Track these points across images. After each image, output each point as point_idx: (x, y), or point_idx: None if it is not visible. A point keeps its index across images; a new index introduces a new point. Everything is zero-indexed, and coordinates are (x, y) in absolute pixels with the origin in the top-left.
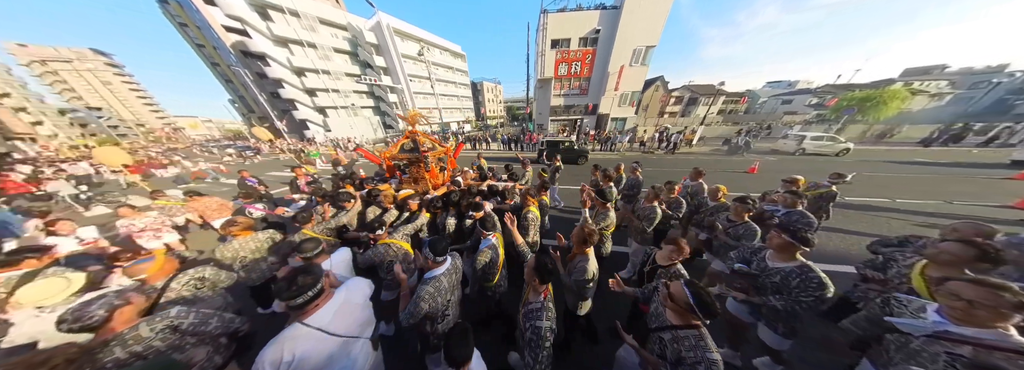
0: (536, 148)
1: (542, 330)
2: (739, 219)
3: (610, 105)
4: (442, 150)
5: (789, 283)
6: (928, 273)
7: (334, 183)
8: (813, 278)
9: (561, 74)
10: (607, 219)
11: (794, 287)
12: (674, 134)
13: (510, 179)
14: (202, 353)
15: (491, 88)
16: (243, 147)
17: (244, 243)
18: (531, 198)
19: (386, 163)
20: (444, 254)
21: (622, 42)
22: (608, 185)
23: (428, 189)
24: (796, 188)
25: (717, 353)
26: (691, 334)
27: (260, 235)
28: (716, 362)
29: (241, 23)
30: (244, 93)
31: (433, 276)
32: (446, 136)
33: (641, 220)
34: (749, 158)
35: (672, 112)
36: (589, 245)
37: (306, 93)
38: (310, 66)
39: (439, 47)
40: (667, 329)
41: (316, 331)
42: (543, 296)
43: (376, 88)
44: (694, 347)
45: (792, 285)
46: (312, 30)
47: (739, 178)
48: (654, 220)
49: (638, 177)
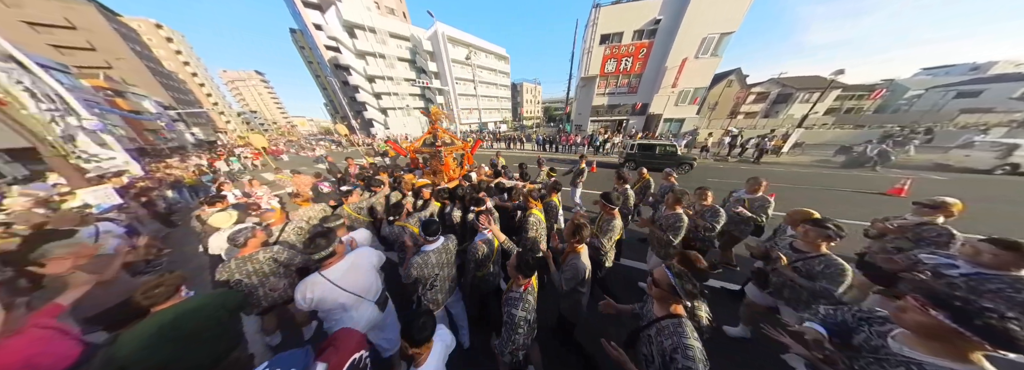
0: (574, 149)
1: (516, 318)
2: (812, 248)
3: (664, 104)
4: (460, 146)
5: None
6: None
7: (374, 171)
8: None
9: (608, 71)
10: (612, 227)
11: None
12: (761, 139)
13: (521, 178)
14: (282, 283)
15: (530, 89)
16: (331, 141)
17: (307, 211)
18: (533, 200)
19: (411, 155)
20: (434, 235)
21: (688, 31)
22: (623, 188)
23: (444, 181)
24: (946, 215)
25: (695, 341)
26: (671, 323)
27: (316, 206)
28: (691, 347)
29: (336, 42)
30: (333, 98)
31: (424, 251)
32: (483, 134)
33: (665, 230)
34: (887, 174)
35: (750, 112)
36: (581, 239)
37: (374, 97)
38: (379, 74)
39: (485, 51)
40: (652, 324)
41: (328, 282)
42: (523, 288)
43: (427, 91)
44: (673, 334)
45: None
46: (383, 43)
47: (869, 201)
48: (680, 230)
49: (672, 183)
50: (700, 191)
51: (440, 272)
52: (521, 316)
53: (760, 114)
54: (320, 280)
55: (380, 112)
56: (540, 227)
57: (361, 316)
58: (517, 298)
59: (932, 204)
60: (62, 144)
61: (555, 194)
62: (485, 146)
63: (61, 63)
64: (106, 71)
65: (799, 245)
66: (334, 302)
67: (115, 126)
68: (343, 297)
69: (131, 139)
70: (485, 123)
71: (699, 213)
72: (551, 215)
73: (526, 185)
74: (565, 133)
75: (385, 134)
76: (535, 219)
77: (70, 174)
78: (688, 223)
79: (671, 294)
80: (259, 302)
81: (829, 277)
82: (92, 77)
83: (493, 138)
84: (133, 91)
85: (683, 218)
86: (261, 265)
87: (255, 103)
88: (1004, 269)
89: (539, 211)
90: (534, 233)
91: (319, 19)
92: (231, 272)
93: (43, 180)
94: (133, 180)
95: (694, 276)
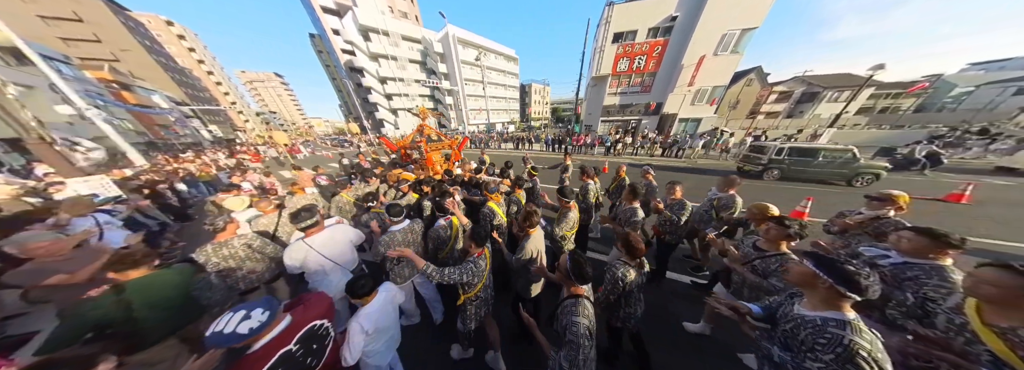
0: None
1: (463, 279)
2: (772, 247)
3: (679, 103)
4: (446, 143)
5: (805, 337)
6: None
7: (373, 166)
8: (842, 340)
9: (620, 70)
10: (567, 220)
11: (811, 344)
12: (787, 139)
13: (501, 174)
14: (259, 266)
15: (539, 90)
16: (343, 141)
17: (301, 199)
18: (489, 194)
19: (401, 152)
20: (398, 216)
21: (706, 28)
22: (586, 182)
23: (429, 175)
24: (895, 208)
25: (584, 319)
26: (570, 302)
27: (308, 195)
28: (577, 324)
29: (352, 45)
30: (347, 99)
31: (391, 231)
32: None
33: (624, 224)
34: (939, 178)
35: (771, 112)
36: (532, 224)
37: (385, 98)
38: (390, 75)
39: (494, 52)
40: (562, 302)
41: (309, 248)
42: (476, 255)
43: (436, 91)
44: (568, 312)
45: (808, 340)
46: (396, 46)
47: (926, 209)
48: (637, 224)
49: (651, 181)
50: (670, 185)
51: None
52: (467, 280)
53: (783, 114)
54: (303, 246)
55: (391, 112)
56: (495, 216)
57: (339, 282)
58: (472, 261)
59: (880, 197)
60: (45, 131)
61: (519, 190)
62: (494, 146)
63: (63, 54)
64: (112, 63)
65: (761, 244)
66: (316, 265)
67: (121, 119)
68: (322, 262)
69: (139, 133)
70: (493, 124)
71: (669, 206)
72: (513, 209)
73: (503, 181)
74: (575, 133)
75: (396, 134)
76: (488, 210)
77: (58, 163)
78: (660, 217)
79: (568, 277)
80: (237, 284)
81: (779, 275)
82: (97, 69)
83: (501, 138)
84: (141, 85)
85: (639, 213)
86: (236, 250)
87: (274, 104)
88: (922, 256)
89: (495, 204)
90: (492, 221)
91: (337, 24)
92: (208, 255)
93: (29, 169)
94: (137, 172)
95: (628, 253)
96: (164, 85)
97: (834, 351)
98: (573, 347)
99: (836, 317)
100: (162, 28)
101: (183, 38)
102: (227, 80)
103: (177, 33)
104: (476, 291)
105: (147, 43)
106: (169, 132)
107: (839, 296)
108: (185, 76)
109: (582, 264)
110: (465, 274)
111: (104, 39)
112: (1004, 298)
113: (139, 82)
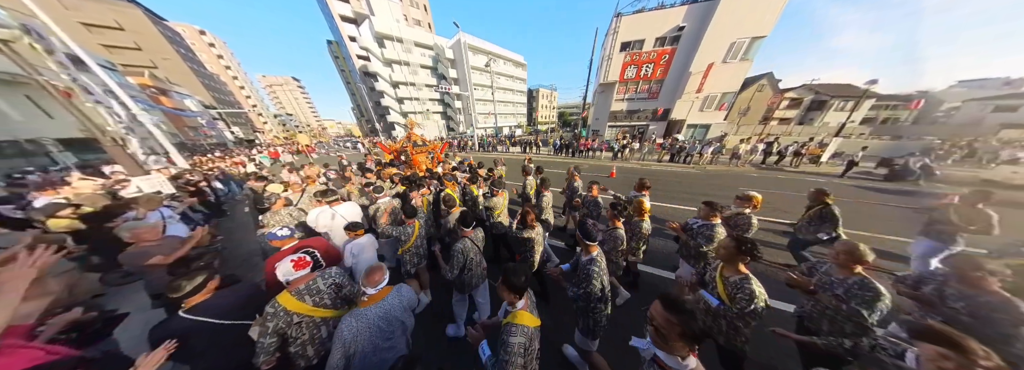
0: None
1: (402, 236)
2: (705, 218)
3: (687, 109)
4: (430, 147)
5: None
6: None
7: (377, 165)
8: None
9: (628, 78)
10: (493, 203)
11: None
12: (799, 145)
13: (471, 173)
14: (294, 223)
15: (546, 95)
16: (352, 142)
17: (313, 187)
18: (448, 182)
19: (394, 154)
20: (379, 192)
21: (714, 37)
22: (525, 178)
23: (414, 172)
24: (752, 205)
25: (516, 338)
26: (510, 326)
27: (319, 185)
28: (511, 344)
29: (367, 52)
30: (360, 102)
31: (378, 202)
32: (499, 138)
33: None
34: (932, 189)
35: (783, 118)
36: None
37: (396, 102)
38: (403, 80)
39: (503, 58)
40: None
41: (332, 210)
42: (407, 223)
43: (446, 96)
44: (507, 333)
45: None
46: (409, 52)
47: (913, 221)
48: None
49: (596, 197)
50: (593, 184)
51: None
52: (401, 237)
53: (795, 121)
54: (328, 211)
55: (402, 116)
56: (451, 201)
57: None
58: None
59: (744, 197)
60: (121, 135)
61: (473, 185)
62: (502, 149)
63: (108, 60)
64: (151, 70)
65: (699, 216)
66: (335, 228)
67: (162, 122)
68: (342, 222)
69: (172, 134)
70: (500, 127)
71: (587, 204)
72: (475, 206)
73: (463, 176)
74: (582, 138)
75: (402, 137)
76: (446, 195)
77: (127, 163)
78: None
79: (508, 292)
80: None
81: (704, 237)
82: (138, 75)
83: (509, 142)
84: (176, 90)
85: (621, 231)
86: (283, 217)
87: (290, 106)
88: (707, 219)
89: (451, 191)
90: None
91: (354, 31)
92: (268, 218)
93: (98, 168)
94: (181, 171)
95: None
96: (195, 90)
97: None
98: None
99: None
100: (195, 37)
101: (213, 46)
102: (249, 84)
103: (208, 42)
104: (407, 246)
105: (182, 51)
106: (198, 134)
107: (740, 259)
108: (213, 81)
109: (513, 290)
110: (401, 234)
111: (144, 47)
112: (728, 258)
113: (175, 87)
